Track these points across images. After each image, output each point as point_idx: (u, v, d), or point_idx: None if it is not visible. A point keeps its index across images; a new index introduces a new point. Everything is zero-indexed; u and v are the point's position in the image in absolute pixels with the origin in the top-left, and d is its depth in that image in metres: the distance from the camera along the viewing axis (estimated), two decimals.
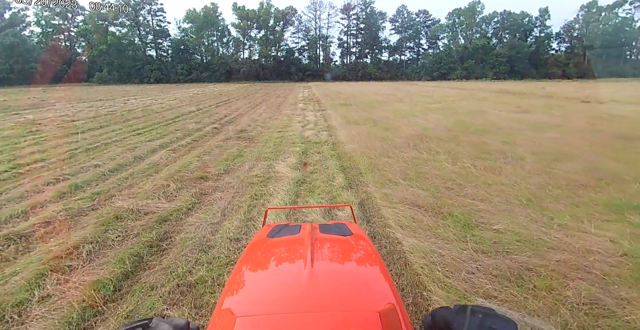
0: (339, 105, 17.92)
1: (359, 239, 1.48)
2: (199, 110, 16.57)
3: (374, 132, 9.34)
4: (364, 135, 8.82)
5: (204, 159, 6.96)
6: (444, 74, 73.02)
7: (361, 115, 13.26)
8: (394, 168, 5.80)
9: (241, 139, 9.06)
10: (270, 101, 22.39)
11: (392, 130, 9.49)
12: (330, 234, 1.48)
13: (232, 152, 7.50)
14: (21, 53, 61.67)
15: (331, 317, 0.91)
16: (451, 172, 5.60)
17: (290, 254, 1.37)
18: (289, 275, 1.18)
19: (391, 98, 22.49)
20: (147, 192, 4.92)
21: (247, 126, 11.34)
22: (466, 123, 10.72)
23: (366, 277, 1.19)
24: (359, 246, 1.44)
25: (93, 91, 36.69)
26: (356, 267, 1.31)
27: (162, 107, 18.01)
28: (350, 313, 0.93)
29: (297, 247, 1.35)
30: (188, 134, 9.83)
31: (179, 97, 26.05)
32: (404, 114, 13.57)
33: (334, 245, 1.41)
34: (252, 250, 1.45)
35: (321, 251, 1.30)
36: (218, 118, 13.46)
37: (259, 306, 0.99)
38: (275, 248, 1.43)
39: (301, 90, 36.09)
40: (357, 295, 1.04)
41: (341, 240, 1.44)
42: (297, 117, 13.76)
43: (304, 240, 1.35)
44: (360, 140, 8.29)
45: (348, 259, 1.36)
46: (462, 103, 18.24)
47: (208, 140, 9.04)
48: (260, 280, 1.21)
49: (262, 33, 73.37)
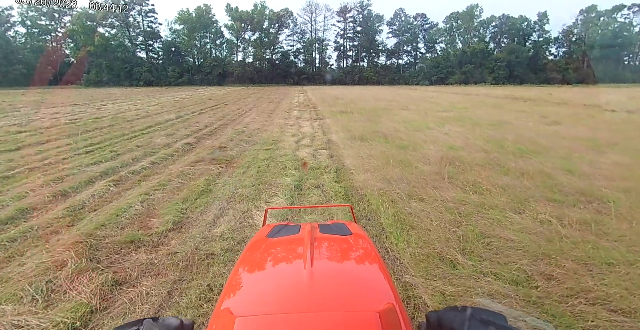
0: (338, 112, 15.87)
1: (359, 239, 1.46)
2: (179, 118, 14.41)
3: (388, 152, 7.28)
4: (376, 158, 6.74)
5: (152, 198, 4.82)
6: (442, 78, 71.61)
7: (366, 126, 11.22)
8: (437, 225, 3.71)
9: (216, 161, 6.93)
10: (262, 107, 20.27)
11: (411, 150, 7.43)
12: (330, 234, 1.46)
13: (198, 185, 5.36)
14: (5, 54, 59.07)
15: (331, 317, 0.89)
16: (530, 233, 3.53)
17: (290, 254, 1.35)
18: (289, 275, 1.16)
19: (394, 104, 20.50)
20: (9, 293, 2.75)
21: (229, 141, 9.23)
22: (498, 139, 8.71)
23: (366, 277, 1.18)
24: (359, 246, 1.42)
25: (75, 94, 34.30)
26: (356, 266, 1.29)
27: (137, 114, 15.81)
28: (350, 313, 0.91)
29: (297, 246, 1.33)
30: (150, 153, 7.69)
31: (163, 101, 23.84)
32: (416, 125, 11.54)
33: (333, 245, 1.39)
34: (251, 250, 1.44)
35: (321, 251, 1.28)
36: (196, 129, 11.32)
37: (258, 306, 0.98)
38: (274, 248, 1.41)
39: (296, 94, 34.02)
40: (357, 295, 1.03)
41: (341, 240, 1.42)
42: (291, 128, 11.66)
43: (303, 240, 1.33)
44: (372, 165, 6.21)
45: (348, 259, 1.34)
46: (477, 111, 16.28)
47: (172, 163, 6.89)
48: (259, 280, 1.20)
49: (257, 35, 71.34)
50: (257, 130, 11.25)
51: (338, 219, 3.96)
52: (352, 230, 1.50)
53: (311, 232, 1.39)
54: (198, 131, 10.91)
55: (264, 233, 1.54)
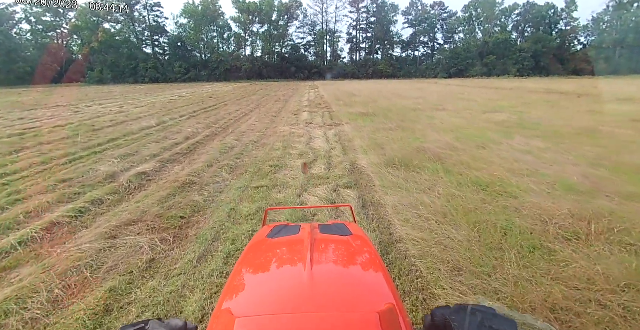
0: (358, 115, 12.72)
1: (359, 239, 1.44)
2: (160, 124, 11.52)
3: (463, 201, 4.15)
4: (454, 219, 3.65)
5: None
6: (461, 71, 67.26)
7: (402, 138, 8.09)
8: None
9: (163, 222, 3.94)
10: (266, 107, 17.22)
11: (503, 197, 4.28)
12: (330, 234, 1.43)
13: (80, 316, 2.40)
14: (8, 52, 57.48)
15: (330, 317, 0.88)
16: None
17: (290, 255, 1.31)
18: (289, 276, 1.14)
19: (422, 103, 17.18)
20: None
21: (206, 167, 6.23)
22: (617, 163, 5.48)
23: (365, 277, 1.17)
24: (359, 246, 1.39)
25: (70, 93, 31.94)
26: (356, 267, 1.27)
27: (114, 119, 13.00)
28: (350, 313, 0.90)
29: (297, 247, 1.30)
30: (64, 199, 4.76)
31: (155, 101, 21.06)
32: (470, 135, 8.33)
33: (333, 246, 1.37)
34: (251, 250, 1.42)
35: (320, 251, 1.25)
36: (171, 144, 8.38)
37: (258, 306, 0.97)
38: (274, 248, 1.39)
39: (306, 90, 30.85)
40: (357, 295, 1.01)
41: (341, 240, 1.40)
42: (298, 141, 8.60)
43: (303, 241, 1.30)
44: (455, 243, 3.13)
45: (347, 259, 1.31)
46: (533, 112, 12.86)
47: (71, 237, 3.92)
48: (259, 280, 1.18)
49: (265, 28, 68.11)
50: (251, 146, 8.22)
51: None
52: (352, 231, 1.49)
53: (311, 233, 1.37)
54: (171, 147, 7.97)
55: (263, 233, 1.52)
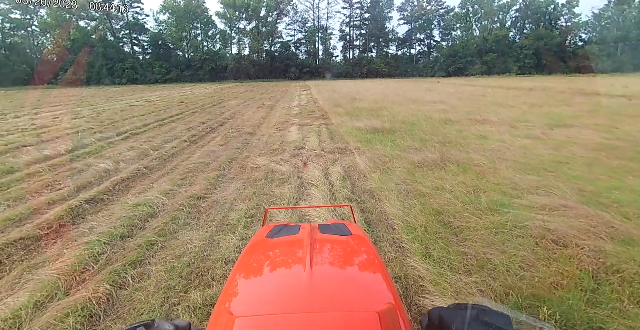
0: (371, 132, 8.74)
1: (359, 239, 1.44)
2: (71, 152, 7.43)
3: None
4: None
5: None
6: (460, 69, 63.98)
7: (469, 189, 4.19)
8: None
9: None
10: (244, 118, 13.08)
11: None
12: (330, 234, 1.43)
13: None
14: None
15: (330, 317, 0.88)
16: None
17: (290, 254, 1.31)
18: (288, 276, 1.14)
19: (449, 110, 13.24)
20: None
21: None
22: None
23: (365, 277, 1.17)
24: (359, 246, 1.40)
25: (19, 97, 27.43)
26: (355, 267, 1.26)
27: (15, 142, 8.85)
28: (350, 313, 0.89)
29: (297, 247, 1.30)
30: None
31: (109, 109, 16.83)
32: (595, 182, 4.46)
33: (333, 246, 1.36)
34: (251, 250, 1.41)
35: (320, 251, 1.25)
36: (37, 205, 4.34)
37: (258, 306, 0.96)
38: (274, 248, 1.38)
39: (297, 92, 26.79)
40: (357, 295, 1.01)
41: (340, 240, 1.40)
42: (279, 198, 4.61)
43: (303, 241, 1.30)
44: None
45: (347, 259, 1.31)
46: (620, 126, 9.08)
47: None
48: (259, 280, 1.17)
49: (253, 24, 63.76)
50: (189, 210, 4.21)
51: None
52: (351, 231, 1.49)
53: (311, 233, 1.37)
54: (32, 216, 3.93)
55: (263, 233, 1.51)
